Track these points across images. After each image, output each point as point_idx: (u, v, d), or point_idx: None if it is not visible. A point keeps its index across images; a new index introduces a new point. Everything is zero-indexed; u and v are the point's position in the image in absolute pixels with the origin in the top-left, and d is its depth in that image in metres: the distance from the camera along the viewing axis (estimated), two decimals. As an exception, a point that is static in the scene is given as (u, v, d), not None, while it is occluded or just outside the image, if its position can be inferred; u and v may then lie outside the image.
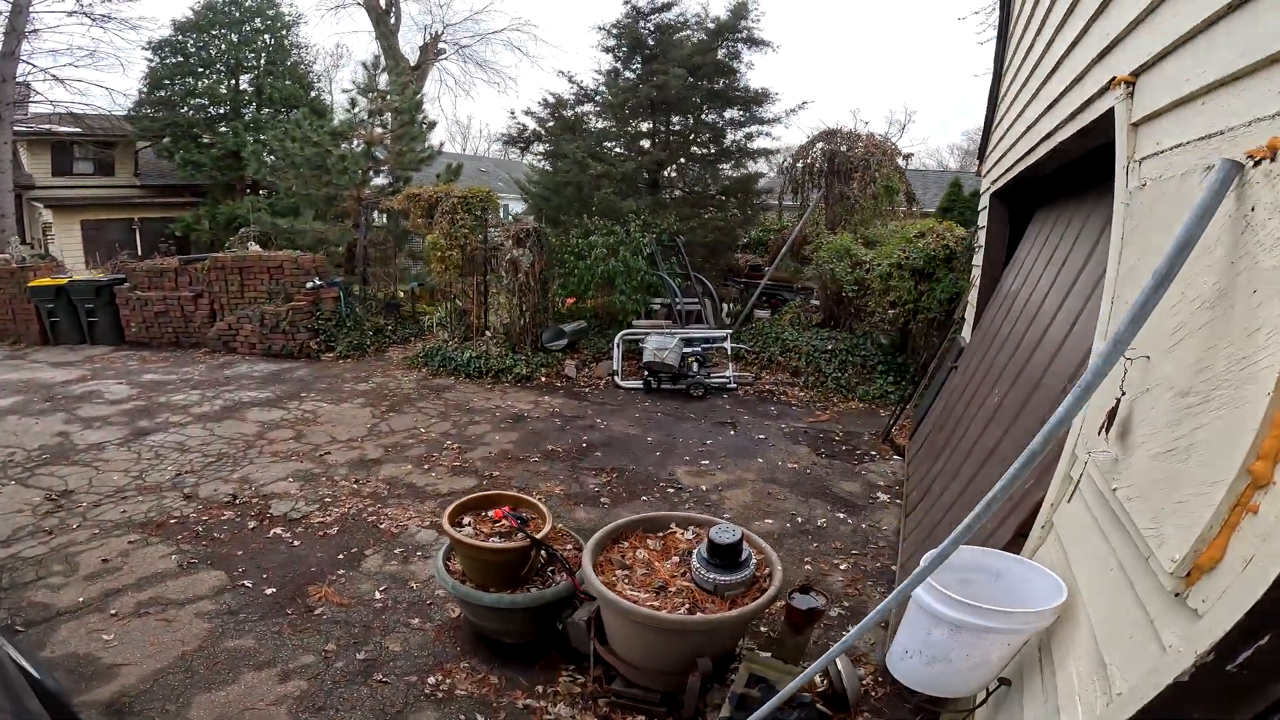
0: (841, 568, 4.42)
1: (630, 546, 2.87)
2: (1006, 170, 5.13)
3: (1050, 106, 3.56)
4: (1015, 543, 2.65)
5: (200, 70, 17.51)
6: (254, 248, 10.89)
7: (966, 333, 6.18)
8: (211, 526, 4.79)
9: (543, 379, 8.54)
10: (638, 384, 8.24)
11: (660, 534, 3.01)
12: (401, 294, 12.05)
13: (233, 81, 17.83)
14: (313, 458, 6.08)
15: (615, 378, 8.37)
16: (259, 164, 13.28)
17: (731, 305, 10.85)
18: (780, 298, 11.21)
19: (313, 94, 18.36)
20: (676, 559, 2.79)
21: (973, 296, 6.13)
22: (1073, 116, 3.04)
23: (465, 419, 7.10)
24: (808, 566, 4.41)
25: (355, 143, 12.35)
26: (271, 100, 17.49)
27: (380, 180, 13.00)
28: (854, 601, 4.03)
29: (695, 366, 8.03)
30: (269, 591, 3.99)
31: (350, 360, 9.71)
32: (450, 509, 3.03)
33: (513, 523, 2.86)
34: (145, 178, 19.44)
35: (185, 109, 17.38)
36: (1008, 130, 5.16)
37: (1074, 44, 3.01)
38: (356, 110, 12.44)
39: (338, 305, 10.01)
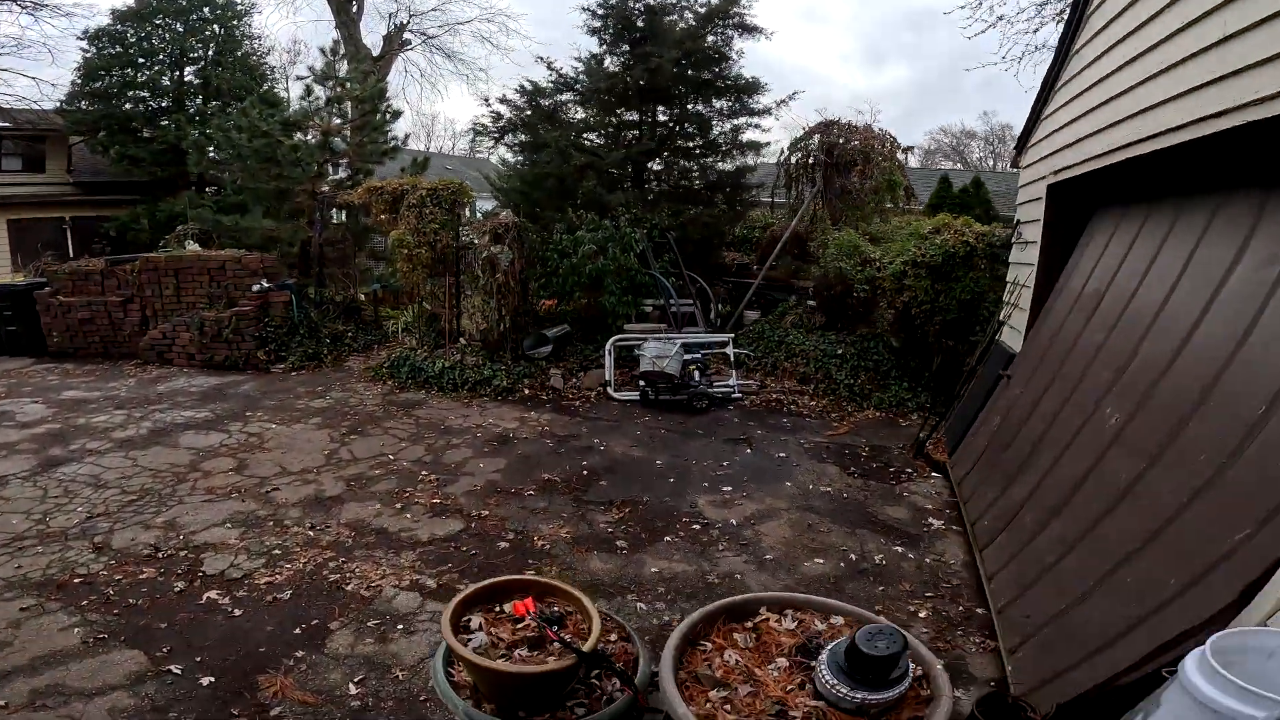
0: (921, 615, 3.71)
1: (715, 648, 2.06)
2: (1079, 163, 4.49)
3: (1194, 89, 2.90)
4: (1233, 608, 1.98)
5: (141, 61, 16.28)
6: (192, 247, 9.69)
7: (1013, 338, 5.55)
8: (127, 589, 3.80)
9: (526, 391, 7.64)
10: (633, 395, 7.42)
11: (748, 623, 2.21)
12: (363, 297, 10.97)
13: (177, 73, 16.62)
14: (257, 495, 5.08)
15: (608, 389, 7.53)
16: (200, 156, 12.00)
17: (720, 306, 10.12)
18: (770, 298, 10.54)
19: (265, 86, 17.14)
20: (784, 662, 1.99)
21: (1020, 299, 5.49)
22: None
23: (442, 442, 6.16)
24: (881, 615, 3.67)
25: (310, 134, 11.23)
26: (219, 92, 16.26)
27: (339, 174, 11.88)
28: (949, 658, 3.31)
29: (697, 375, 7.25)
30: (205, 681, 3.05)
31: (304, 372, 8.63)
32: (451, 606, 2.15)
33: (549, 632, 2.00)
34: (79, 174, 17.84)
35: (123, 102, 16.09)
36: (1080, 118, 4.51)
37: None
38: (312, 98, 11.32)
39: (289, 310, 8.91)
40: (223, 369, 8.76)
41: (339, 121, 11.43)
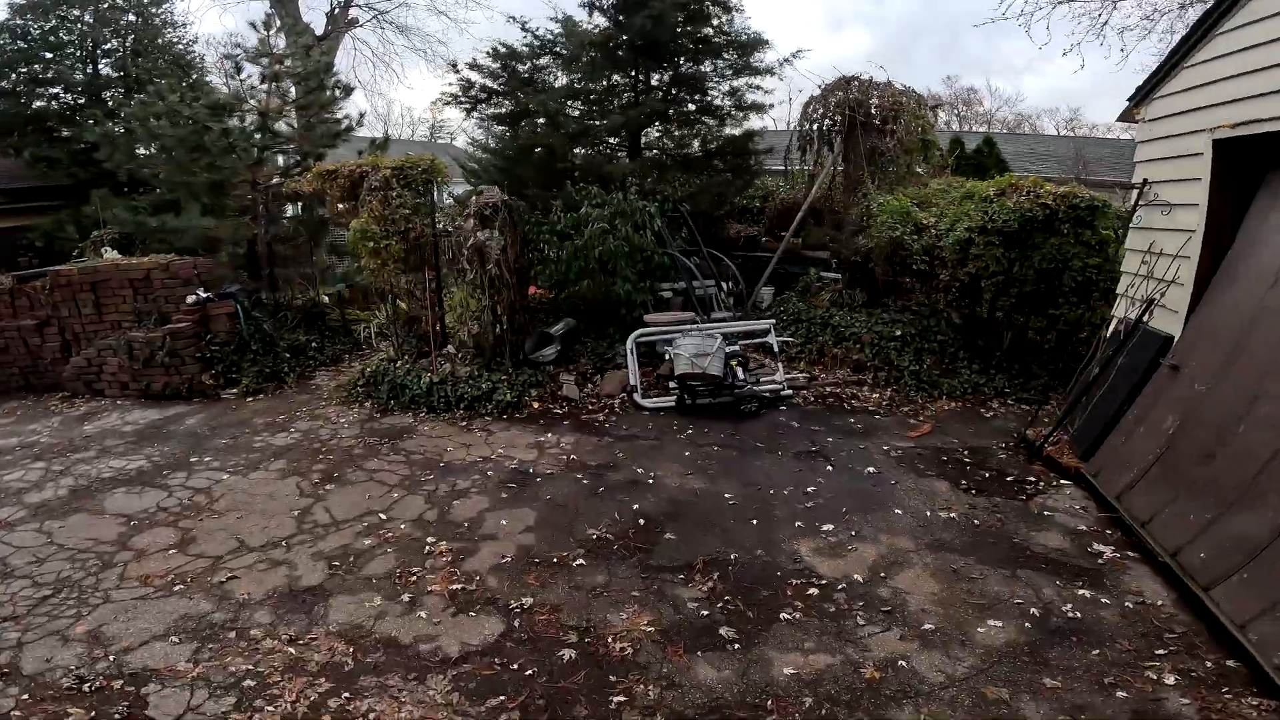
0: (1169, 681, 2.83)
1: None
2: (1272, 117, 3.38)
3: None
4: None
5: (48, 56, 14.34)
6: (110, 255, 8.07)
7: (1165, 320, 4.48)
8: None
9: (536, 406, 6.36)
10: (666, 401, 6.21)
11: None
12: (326, 299, 9.46)
13: (90, 67, 14.72)
14: (209, 587, 3.80)
15: (634, 395, 6.30)
16: (114, 151, 10.19)
17: (730, 284, 8.94)
18: (785, 272, 9.40)
19: (195, 76, 15.34)
20: None
21: (1175, 272, 4.40)
22: None
23: (445, 487, 4.88)
24: (1121, 694, 2.66)
25: (248, 118, 9.56)
26: (140, 84, 14.40)
27: (285, 161, 10.24)
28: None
29: (740, 373, 6.08)
30: None
31: (262, 397, 7.19)
32: None
33: None
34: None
35: (33, 100, 14.17)
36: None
37: None
38: (243, 78, 9.63)
39: (236, 323, 7.41)
40: (163, 399, 7.26)
41: (279, 102, 9.76)
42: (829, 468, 4.94)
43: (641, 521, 4.25)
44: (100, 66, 14.90)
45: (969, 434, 5.55)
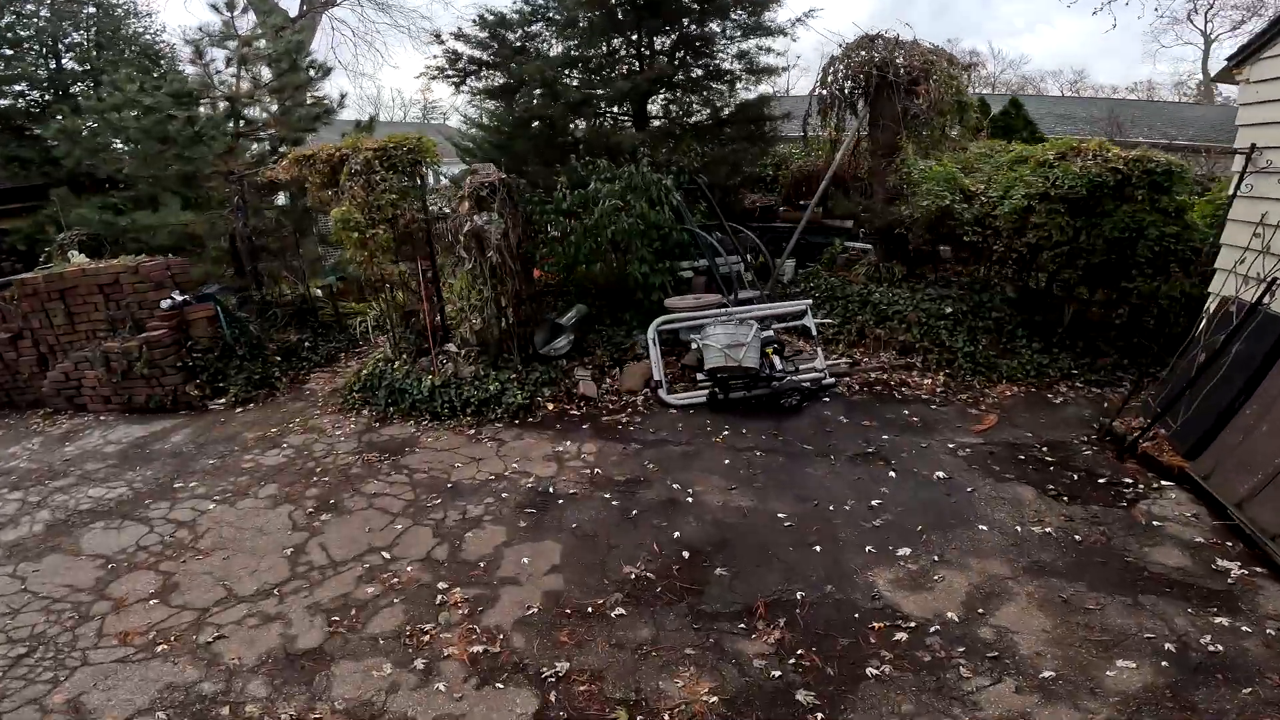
0: None
1: None
2: None
3: None
4: None
5: (9, 54, 13.57)
6: (78, 259, 7.40)
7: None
8: None
9: (550, 407, 5.76)
10: (695, 397, 5.60)
11: None
12: (319, 292, 8.83)
13: (55, 62, 13.96)
14: (196, 650, 3.31)
15: (659, 391, 5.69)
16: (71, 146, 9.47)
17: (753, 257, 8.27)
18: (807, 243, 8.72)
19: (164, 65, 14.58)
20: None
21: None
22: None
23: (455, 514, 4.31)
24: None
25: (219, 106, 8.82)
26: (107, 76, 13.68)
27: (261, 148, 9.51)
28: None
29: (778, 362, 5.46)
30: None
31: (252, 406, 6.61)
32: None
33: None
34: None
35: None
36: None
37: None
38: (207, 61, 8.84)
39: (218, 326, 6.79)
40: (148, 412, 6.69)
41: (250, 86, 8.99)
42: (892, 473, 4.34)
43: (685, 554, 3.67)
44: (64, 61, 14.25)
45: (1041, 425, 4.94)
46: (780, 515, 3.96)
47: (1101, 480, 4.14)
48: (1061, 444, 4.62)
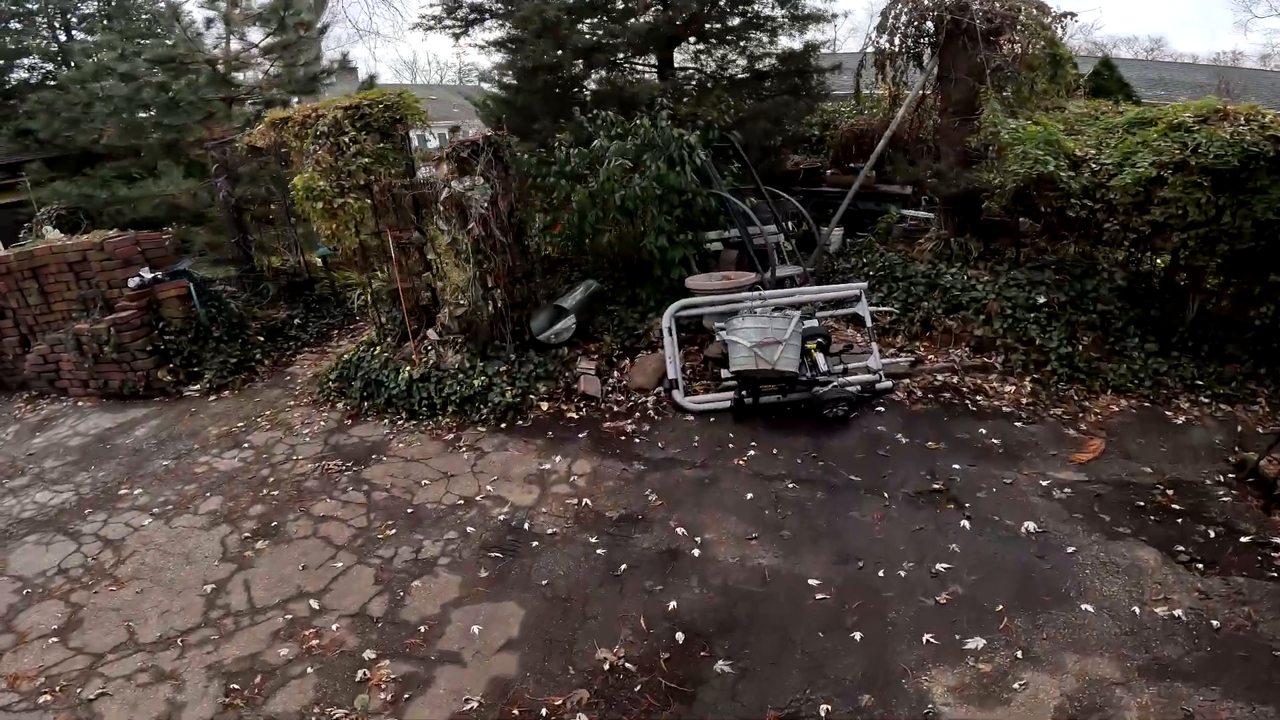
0: None
1: None
2: None
3: None
4: None
5: (16, 28, 13.26)
6: (52, 235, 6.87)
7: None
8: None
9: (544, 406, 4.87)
10: (717, 402, 4.61)
11: None
12: (319, 262, 8.15)
13: (65, 34, 13.61)
14: (76, 707, 2.97)
15: (675, 393, 4.72)
16: (50, 118, 8.96)
17: (794, 225, 7.13)
18: (858, 210, 7.53)
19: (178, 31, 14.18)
20: None
21: None
22: None
23: (406, 552, 3.50)
24: None
25: (202, 71, 8.12)
26: (113, 48, 13.26)
27: (252, 111, 8.82)
28: None
29: (821, 362, 4.41)
30: None
31: (228, 393, 5.98)
32: None
33: None
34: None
35: (11, 73, 13.24)
36: None
37: None
38: (186, 23, 8.13)
39: (191, 306, 6.13)
40: (123, 398, 6.15)
41: (239, 46, 8.23)
42: (964, 521, 3.30)
43: (680, 635, 2.74)
44: (75, 33, 13.85)
45: (1162, 455, 3.78)
46: (812, 581, 2.98)
47: (1245, 540, 3.02)
48: (1190, 485, 3.48)
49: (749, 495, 3.64)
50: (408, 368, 5.10)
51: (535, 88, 6.52)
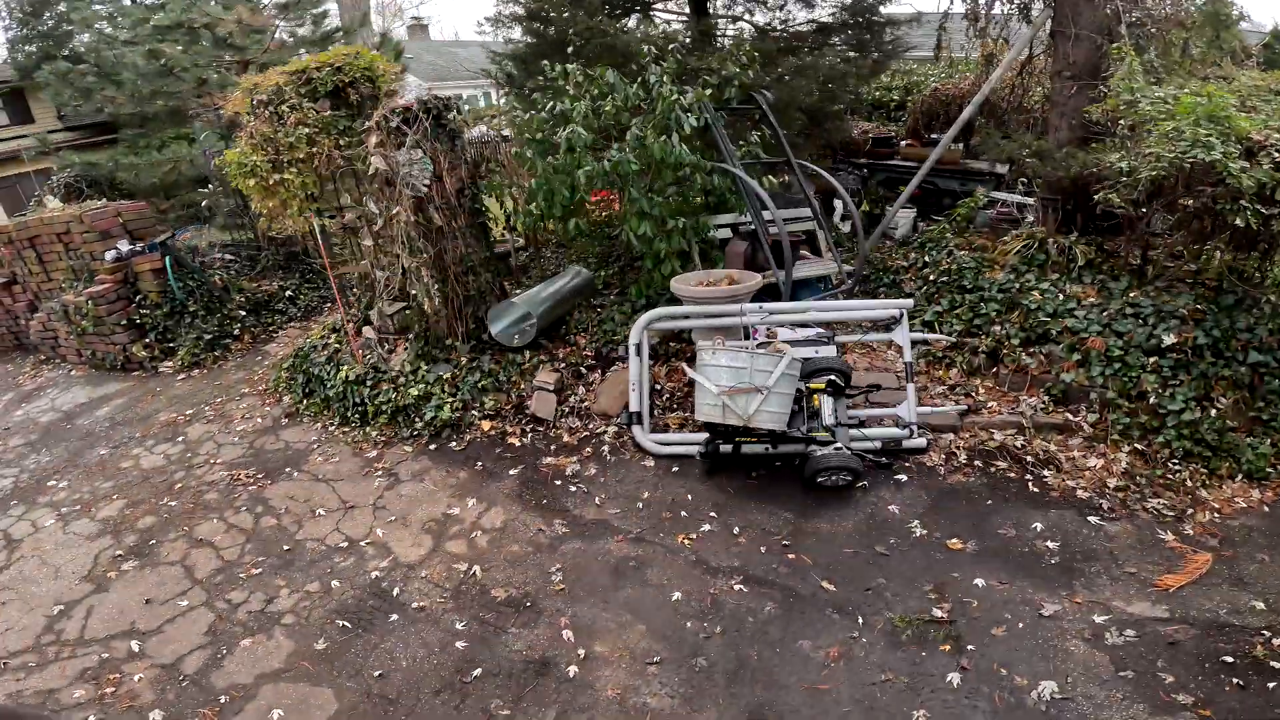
0: None
1: None
2: None
3: None
4: None
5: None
6: (53, 205, 6.82)
7: None
8: None
9: (485, 426, 4.07)
10: (688, 444, 3.65)
11: None
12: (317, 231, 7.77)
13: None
14: None
15: (636, 430, 3.78)
16: (62, 88, 8.92)
17: (845, 203, 5.83)
18: (935, 189, 6.16)
19: None
20: None
21: None
22: None
23: (255, 601, 2.89)
24: None
25: (204, 36, 7.77)
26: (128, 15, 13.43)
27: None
28: None
29: (827, 412, 3.32)
30: None
31: (199, 371, 5.65)
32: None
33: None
34: (71, 120, 15.83)
35: (67, 40, 13.65)
36: None
37: None
38: None
39: (165, 280, 5.79)
40: (108, 370, 5.99)
41: (247, 10, 7.76)
42: (954, 676, 2.22)
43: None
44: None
45: (1275, 589, 2.49)
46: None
47: None
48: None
49: (676, 595, 2.70)
50: (346, 368, 4.46)
51: (546, 43, 5.57)
